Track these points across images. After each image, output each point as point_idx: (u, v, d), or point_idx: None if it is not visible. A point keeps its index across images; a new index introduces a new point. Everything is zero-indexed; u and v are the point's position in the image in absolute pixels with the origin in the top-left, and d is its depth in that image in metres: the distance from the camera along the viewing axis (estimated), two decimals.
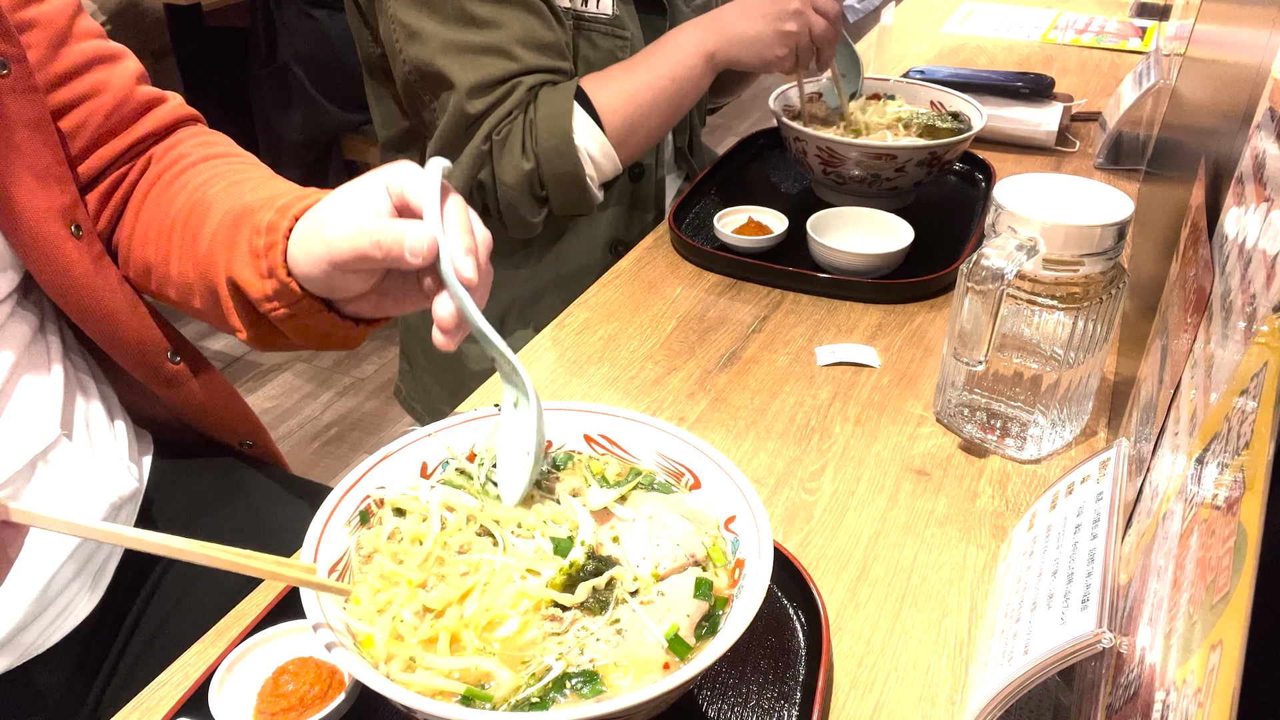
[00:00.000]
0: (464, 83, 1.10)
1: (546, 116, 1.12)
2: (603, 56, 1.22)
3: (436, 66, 1.11)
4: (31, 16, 0.76)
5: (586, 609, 0.56)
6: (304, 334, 0.74)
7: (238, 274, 0.72)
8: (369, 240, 0.62)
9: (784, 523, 0.79)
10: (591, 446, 0.68)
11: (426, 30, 1.10)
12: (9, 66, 0.71)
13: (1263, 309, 0.40)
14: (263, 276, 0.70)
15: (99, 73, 0.81)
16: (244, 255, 0.71)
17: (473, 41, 1.10)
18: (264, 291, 0.70)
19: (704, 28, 1.17)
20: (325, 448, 2.35)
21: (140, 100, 0.85)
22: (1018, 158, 1.43)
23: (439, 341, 0.63)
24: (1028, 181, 0.79)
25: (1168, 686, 0.37)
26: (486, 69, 1.10)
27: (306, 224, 0.68)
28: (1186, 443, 0.47)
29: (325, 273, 0.65)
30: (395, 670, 0.52)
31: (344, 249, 0.63)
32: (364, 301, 0.70)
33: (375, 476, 0.64)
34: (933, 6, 2.14)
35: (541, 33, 1.13)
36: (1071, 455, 0.85)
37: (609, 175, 1.19)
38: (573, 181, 1.15)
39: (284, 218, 0.69)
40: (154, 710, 0.64)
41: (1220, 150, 0.65)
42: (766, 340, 1.02)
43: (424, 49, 1.11)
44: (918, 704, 0.64)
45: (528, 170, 1.13)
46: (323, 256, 0.64)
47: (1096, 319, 0.78)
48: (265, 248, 0.69)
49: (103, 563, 0.82)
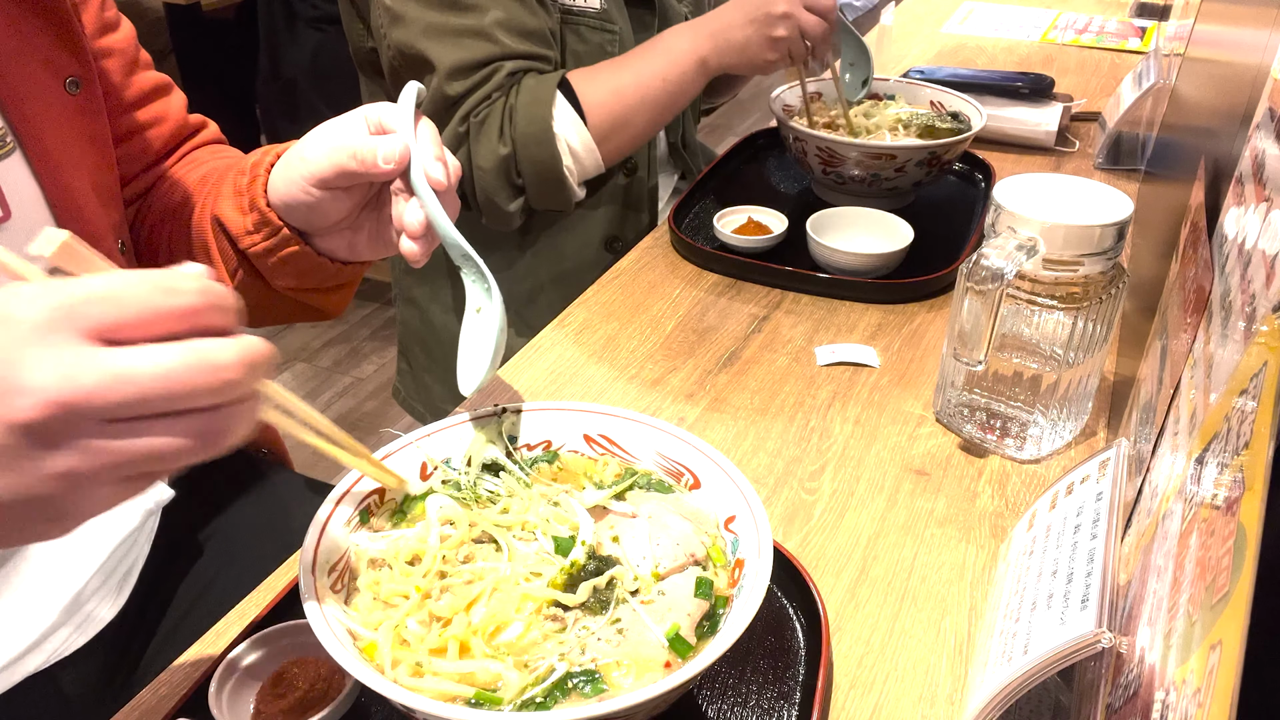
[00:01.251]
0: (444, 64, 1.10)
1: (527, 103, 1.12)
2: (591, 51, 1.21)
3: (418, 49, 1.11)
4: (108, 44, 0.81)
5: (588, 609, 0.56)
6: (285, 274, 0.77)
7: (221, 210, 0.76)
8: (346, 153, 0.65)
9: (784, 523, 0.79)
10: (591, 446, 0.69)
11: (410, 13, 1.10)
12: (81, 86, 0.74)
13: (1262, 309, 0.40)
14: (244, 211, 0.74)
15: (159, 103, 0.87)
16: (228, 195, 0.76)
17: (454, 24, 1.10)
18: (244, 226, 0.74)
19: (697, 32, 1.16)
20: None
21: (189, 128, 0.90)
22: (1018, 158, 1.43)
23: (408, 250, 0.66)
24: (1027, 181, 0.79)
25: (1167, 686, 0.37)
26: (467, 50, 1.10)
27: (288, 155, 0.71)
28: (1186, 443, 0.47)
29: (304, 192, 0.68)
30: (402, 675, 0.52)
31: (322, 164, 0.66)
32: (339, 237, 0.74)
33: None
34: (933, 6, 2.14)
35: (525, 19, 1.13)
36: (1071, 455, 0.85)
37: (589, 171, 1.18)
38: (549, 172, 1.14)
39: (267, 155, 0.73)
40: (154, 710, 0.64)
41: (1220, 150, 0.65)
42: (766, 340, 1.02)
43: (406, 31, 1.11)
44: (917, 704, 0.65)
45: (504, 155, 1.13)
46: (300, 174, 0.68)
47: (1096, 319, 0.78)
48: (248, 184, 0.73)
49: (129, 569, 0.83)
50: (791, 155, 1.27)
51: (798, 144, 1.22)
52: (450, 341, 1.31)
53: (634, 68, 1.16)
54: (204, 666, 0.65)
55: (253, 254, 0.75)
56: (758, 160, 1.42)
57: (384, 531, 0.62)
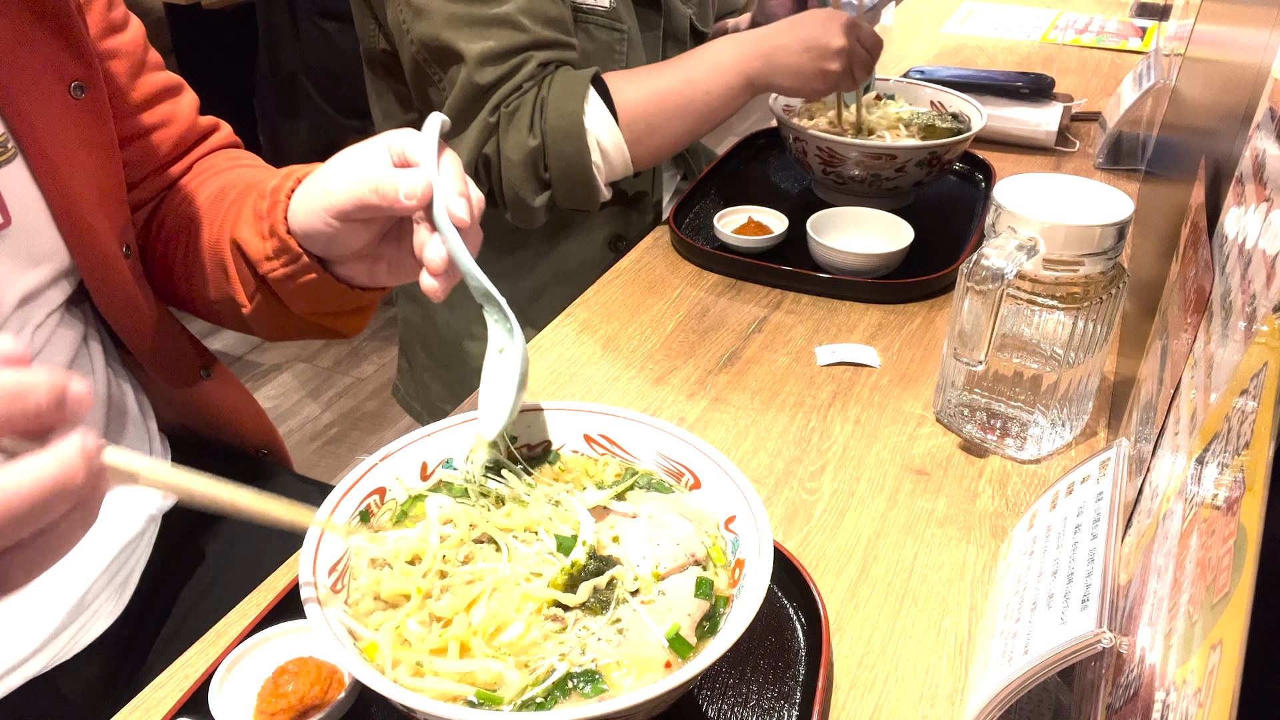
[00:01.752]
0: (472, 53, 1.09)
1: (559, 96, 1.10)
2: (599, 50, 1.21)
3: (443, 40, 1.10)
4: (114, 46, 0.80)
5: (588, 609, 0.56)
6: (304, 299, 0.76)
7: (240, 234, 0.75)
8: (368, 187, 0.64)
9: (784, 523, 0.79)
10: (591, 446, 0.69)
11: (432, 6, 1.09)
12: (86, 90, 0.73)
13: (1263, 309, 0.40)
14: (264, 237, 0.73)
15: (167, 105, 0.85)
16: (248, 218, 0.75)
17: (478, 13, 1.09)
18: (264, 251, 0.73)
19: (748, 48, 1.15)
20: (325, 447, 2.35)
21: (199, 131, 0.89)
22: (1018, 158, 1.43)
23: (428, 287, 0.64)
24: (1028, 181, 0.79)
25: (1168, 686, 0.37)
26: (495, 39, 1.09)
27: (309, 183, 0.70)
28: (1186, 443, 0.47)
29: (324, 223, 0.67)
30: (403, 675, 0.52)
31: (343, 197, 0.65)
32: (359, 265, 0.72)
33: (375, 476, 0.64)
34: (933, 6, 2.14)
35: (547, 7, 1.12)
36: (1071, 455, 0.85)
37: (618, 173, 1.16)
38: (578, 168, 1.12)
39: (287, 180, 0.72)
40: (154, 710, 0.64)
41: (1220, 150, 0.65)
42: (766, 340, 1.02)
43: (430, 24, 1.10)
44: (918, 704, 0.65)
45: (533, 147, 1.11)
46: (321, 205, 0.67)
47: (1096, 319, 0.78)
48: (268, 209, 0.72)
49: (130, 573, 0.83)
50: (791, 155, 1.27)
51: (798, 144, 1.22)
52: (452, 340, 1.31)
53: (678, 74, 1.15)
54: (204, 667, 0.65)
55: (272, 279, 0.74)
56: (758, 160, 1.42)
57: (384, 532, 0.62)
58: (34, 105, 0.70)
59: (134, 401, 0.88)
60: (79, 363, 0.80)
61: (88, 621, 0.79)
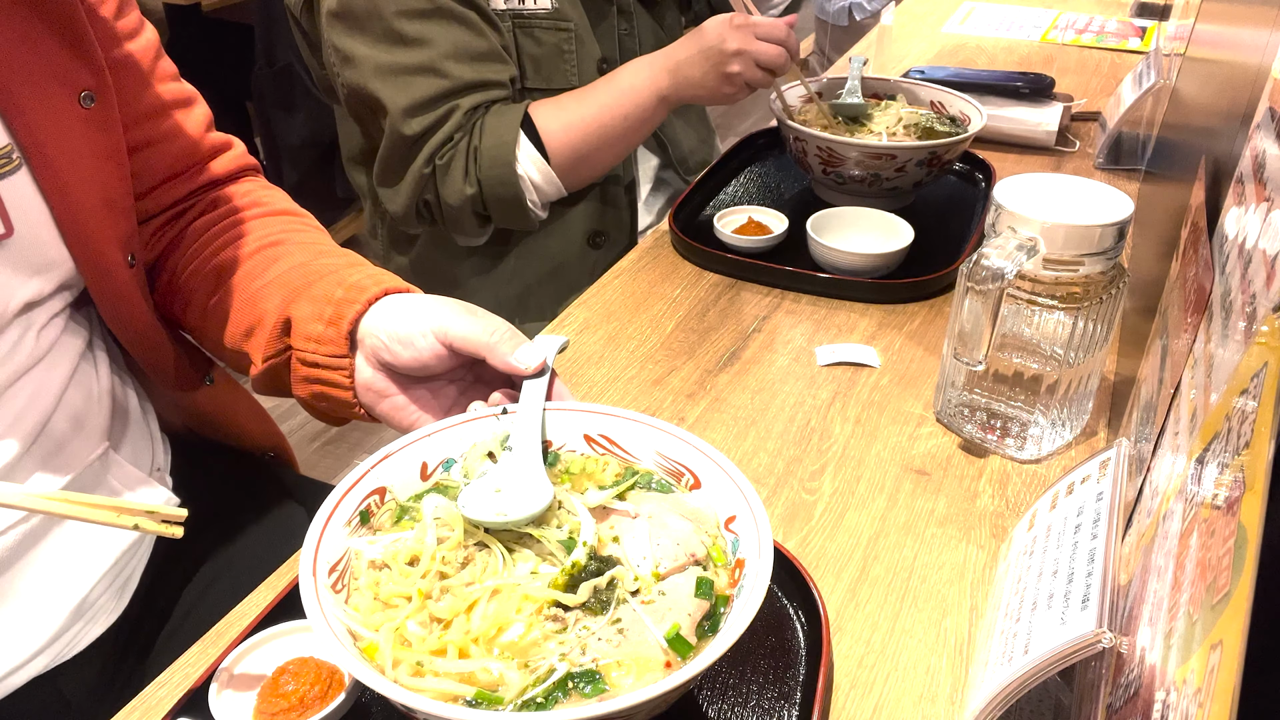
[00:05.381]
0: (397, 105, 1.13)
1: (491, 146, 1.15)
2: (548, 52, 1.23)
3: (370, 90, 1.13)
4: (124, 55, 0.79)
5: (588, 609, 0.56)
6: (309, 387, 0.76)
7: (295, 312, 0.75)
8: (488, 332, 0.67)
9: (784, 523, 0.79)
10: (591, 446, 0.69)
11: (359, 54, 1.12)
12: (95, 99, 0.73)
13: (1263, 309, 0.40)
14: (324, 322, 0.73)
15: (175, 116, 0.85)
16: (315, 299, 0.74)
17: (403, 62, 1.11)
18: (311, 334, 0.73)
19: (656, 68, 1.19)
20: (325, 448, 2.35)
21: (209, 146, 0.89)
22: (1018, 158, 1.43)
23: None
24: (1028, 181, 0.79)
25: (1168, 686, 0.37)
26: (419, 89, 1.12)
27: (406, 300, 0.72)
28: (1186, 443, 0.47)
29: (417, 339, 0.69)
30: (403, 675, 0.52)
31: (459, 328, 0.68)
32: (386, 401, 0.73)
33: (375, 476, 0.64)
34: (933, 6, 2.14)
35: (473, 43, 1.14)
36: (1071, 455, 0.85)
37: (553, 197, 1.23)
38: (515, 206, 1.19)
39: (376, 285, 0.73)
40: (154, 710, 0.65)
41: (1220, 150, 0.65)
42: (766, 340, 1.02)
43: (357, 73, 1.13)
44: (918, 704, 0.65)
45: (470, 195, 1.17)
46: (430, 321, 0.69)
47: (1096, 319, 0.78)
48: (342, 299, 0.73)
49: (131, 573, 0.83)
50: (791, 155, 1.27)
51: (798, 144, 1.23)
52: None
53: (596, 102, 1.19)
54: (204, 667, 0.65)
55: (300, 357, 0.75)
56: (758, 160, 1.42)
57: (384, 532, 0.62)
58: (42, 114, 0.69)
59: (136, 404, 0.88)
60: (83, 365, 0.80)
61: (88, 622, 0.79)
